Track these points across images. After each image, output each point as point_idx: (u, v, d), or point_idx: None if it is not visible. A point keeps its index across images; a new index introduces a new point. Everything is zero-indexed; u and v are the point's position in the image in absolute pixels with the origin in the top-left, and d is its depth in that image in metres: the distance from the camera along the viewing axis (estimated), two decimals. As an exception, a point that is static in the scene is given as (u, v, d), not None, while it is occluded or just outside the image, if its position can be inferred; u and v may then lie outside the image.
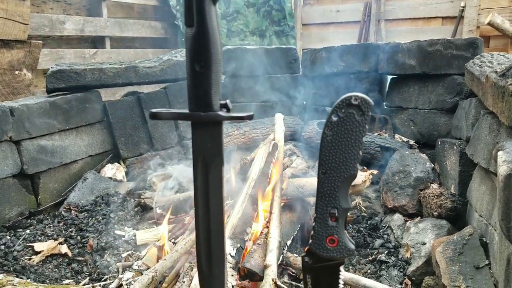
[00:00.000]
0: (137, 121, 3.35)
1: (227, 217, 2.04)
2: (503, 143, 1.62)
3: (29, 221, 2.56)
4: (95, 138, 3.17)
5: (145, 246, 2.34)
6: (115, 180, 3.07)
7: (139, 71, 3.31)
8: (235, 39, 5.96)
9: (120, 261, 2.21)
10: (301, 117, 3.77)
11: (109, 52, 4.85)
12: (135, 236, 2.42)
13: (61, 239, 2.37)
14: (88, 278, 2.13)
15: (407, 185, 2.53)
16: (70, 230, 2.48)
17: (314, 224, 0.83)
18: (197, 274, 0.91)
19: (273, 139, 2.68)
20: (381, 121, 3.41)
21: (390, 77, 3.51)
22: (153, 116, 0.78)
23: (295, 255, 2.13)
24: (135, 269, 2.08)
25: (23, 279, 1.85)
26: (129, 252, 2.32)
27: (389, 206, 2.59)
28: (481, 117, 2.14)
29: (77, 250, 2.32)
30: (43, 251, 2.25)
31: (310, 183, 2.43)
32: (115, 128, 3.25)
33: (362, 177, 2.48)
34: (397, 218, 2.51)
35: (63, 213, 2.66)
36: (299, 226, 2.34)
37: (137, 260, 2.18)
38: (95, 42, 4.83)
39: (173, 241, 2.25)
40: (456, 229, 2.21)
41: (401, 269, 2.12)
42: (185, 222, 2.43)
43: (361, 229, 2.49)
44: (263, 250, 1.90)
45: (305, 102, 3.98)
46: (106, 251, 2.31)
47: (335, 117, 0.76)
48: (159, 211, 2.51)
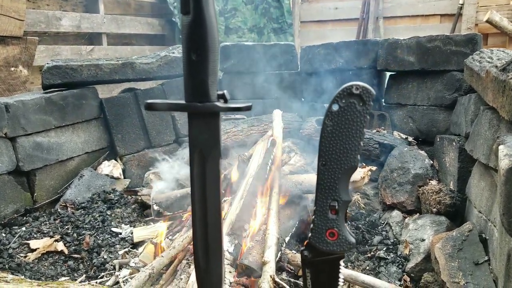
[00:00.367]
0: (134, 118, 3.33)
1: (225, 214, 2.02)
2: (503, 137, 1.60)
3: (24, 218, 2.54)
4: (92, 135, 3.14)
5: (142, 243, 2.33)
6: (112, 177, 3.04)
7: (136, 67, 3.28)
8: (233, 36, 5.92)
9: (117, 258, 2.19)
10: (300, 113, 3.75)
11: (106, 49, 4.81)
12: (132, 233, 2.40)
13: (57, 237, 2.35)
14: (84, 275, 2.11)
15: (405, 181, 2.52)
16: (66, 227, 2.46)
17: (313, 217, 0.81)
18: (194, 271, 0.89)
19: (272, 136, 2.66)
20: (379, 117, 3.40)
21: (388, 74, 3.50)
22: (149, 107, 0.75)
23: (294, 251, 2.12)
24: (132, 266, 2.06)
25: (17, 276, 1.82)
26: (126, 249, 2.30)
27: (388, 202, 2.58)
28: (480, 112, 2.13)
29: (73, 247, 2.30)
30: (39, 248, 2.23)
31: (308, 179, 2.41)
32: (111, 125, 3.23)
33: (360, 173, 2.47)
34: (396, 214, 2.50)
35: (59, 210, 2.63)
36: (298, 222, 2.32)
37: (134, 257, 2.16)
38: (92, 38, 4.79)
39: (170, 238, 2.23)
40: (455, 225, 2.21)
41: (400, 266, 2.11)
42: (183, 219, 2.42)
43: (360, 225, 2.48)
44: (261, 246, 1.88)
45: (303, 98, 3.97)
46: (102, 249, 2.29)
47: (335, 107, 0.74)
48: (156, 208, 2.49)
